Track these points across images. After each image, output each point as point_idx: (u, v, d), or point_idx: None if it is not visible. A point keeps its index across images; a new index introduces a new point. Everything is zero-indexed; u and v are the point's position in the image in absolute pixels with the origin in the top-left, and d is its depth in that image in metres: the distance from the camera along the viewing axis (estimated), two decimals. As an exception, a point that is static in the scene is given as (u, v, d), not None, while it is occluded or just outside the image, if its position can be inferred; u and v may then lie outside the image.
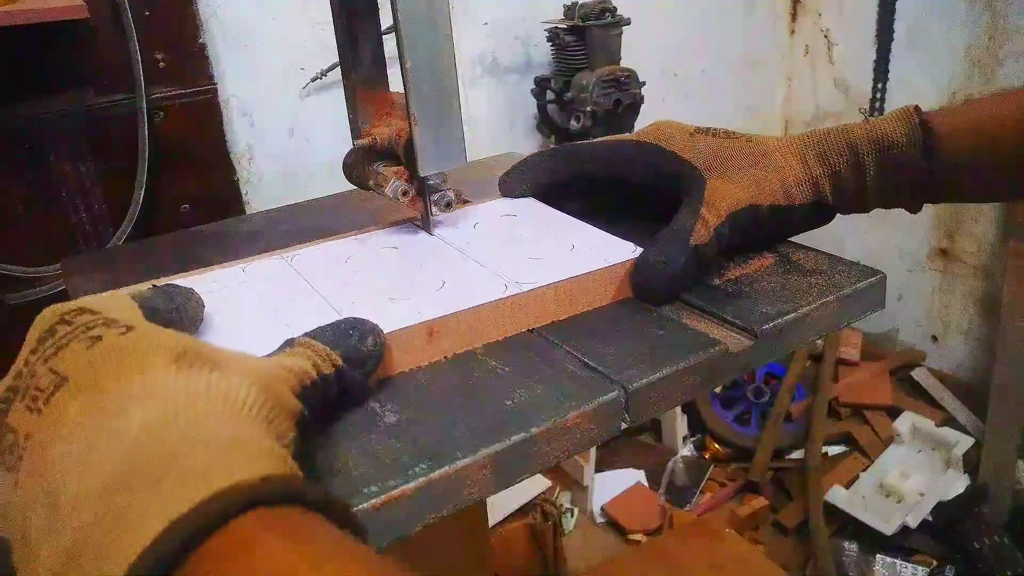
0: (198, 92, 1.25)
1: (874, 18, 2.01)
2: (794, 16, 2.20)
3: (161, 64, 1.19)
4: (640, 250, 0.51)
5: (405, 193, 0.56)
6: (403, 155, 0.55)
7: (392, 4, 0.50)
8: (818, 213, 0.55)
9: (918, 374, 2.09)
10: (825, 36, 2.15)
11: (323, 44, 1.40)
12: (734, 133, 0.56)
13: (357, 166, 0.61)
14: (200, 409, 0.27)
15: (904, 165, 0.51)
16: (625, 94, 1.58)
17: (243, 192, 1.40)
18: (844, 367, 2.10)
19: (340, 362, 0.37)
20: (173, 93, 1.22)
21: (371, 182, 0.59)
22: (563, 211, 0.60)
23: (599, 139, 0.60)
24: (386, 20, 0.55)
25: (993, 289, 1.91)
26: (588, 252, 0.52)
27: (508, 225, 0.58)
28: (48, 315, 0.32)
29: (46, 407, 0.28)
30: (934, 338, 2.11)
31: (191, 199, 1.27)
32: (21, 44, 1.04)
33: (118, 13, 1.10)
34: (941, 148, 0.51)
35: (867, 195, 0.53)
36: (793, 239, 0.58)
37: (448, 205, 0.57)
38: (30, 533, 0.25)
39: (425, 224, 0.59)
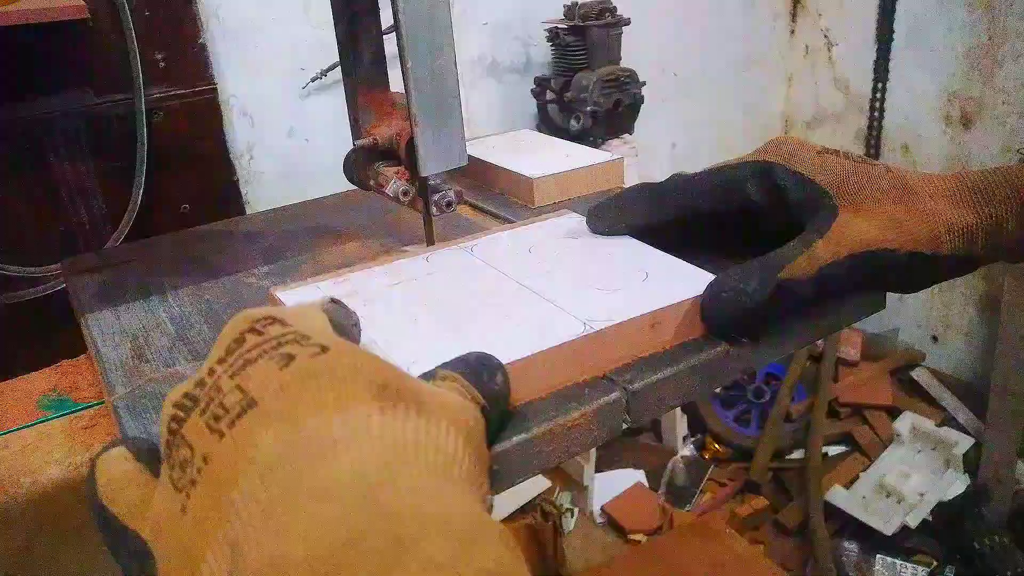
0: (198, 92, 1.25)
1: (874, 18, 2.01)
2: (794, 16, 2.20)
3: (161, 64, 1.19)
4: None
5: (406, 193, 0.56)
6: (404, 155, 0.55)
7: (393, 4, 0.50)
8: (963, 265, 0.47)
9: (918, 374, 2.09)
10: (825, 36, 2.15)
11: (323, 44, 1.39)
12: (868, 159, 0.47)
13: (358, 166, 0.61)
14: (414, 466, 0.25)
15: None
16: (625, 94, 1.58)
17: (243, 192, 1.40)
18: (844, 367, 2.10)
19: (483, 402, 0.32)
20: (173, 93, 1.22)
21: (372, 182, 0.59)
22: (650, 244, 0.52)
23: (709, 169, 0.50)
24: (386, 20, 0.55)
25: (993, 289, 1.91)
26: (667, 284, 0.46)
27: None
28: (238, 322, 0.29)
29: (230, 431, 0.25)
30: (934, 338, 2.11)
31: (191, 199, 1.27)
32: (21, 44, 1.04)
33: (118, 13, 1.10)
34: None
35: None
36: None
37: (449, 205, 0.57)
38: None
39: (427, 227, 0.59)
